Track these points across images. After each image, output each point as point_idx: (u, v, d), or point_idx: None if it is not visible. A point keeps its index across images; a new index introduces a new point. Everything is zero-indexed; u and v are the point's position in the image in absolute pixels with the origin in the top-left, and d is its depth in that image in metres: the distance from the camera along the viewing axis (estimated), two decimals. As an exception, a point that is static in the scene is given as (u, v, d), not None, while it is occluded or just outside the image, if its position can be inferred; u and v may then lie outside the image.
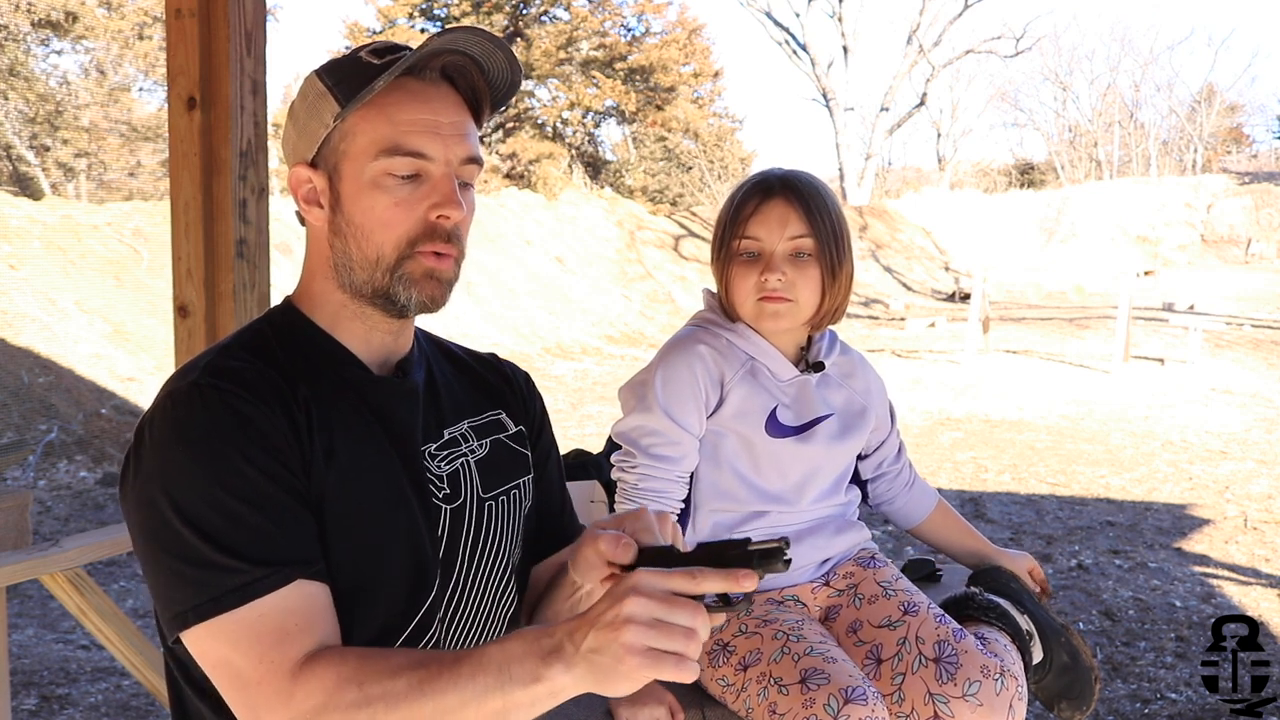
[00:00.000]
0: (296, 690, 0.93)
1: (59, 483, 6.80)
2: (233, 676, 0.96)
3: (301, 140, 1.12)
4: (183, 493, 0.98)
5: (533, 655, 0.88)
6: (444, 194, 1.08)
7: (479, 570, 1.16)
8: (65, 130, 16.80)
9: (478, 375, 1.27)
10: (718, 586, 0.84)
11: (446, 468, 1.15)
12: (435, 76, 1.10)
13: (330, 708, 0.91)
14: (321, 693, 0.92)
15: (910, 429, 8.28)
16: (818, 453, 1.68)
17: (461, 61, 1.10)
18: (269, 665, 0.94)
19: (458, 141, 1.09)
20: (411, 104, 1.07)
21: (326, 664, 0.94)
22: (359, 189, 1.08)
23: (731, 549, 0.87)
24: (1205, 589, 4.55)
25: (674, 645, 0.83)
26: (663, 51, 24.02)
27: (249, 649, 0.95)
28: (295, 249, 11.05)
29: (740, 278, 1.64)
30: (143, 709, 3.43)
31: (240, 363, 1.06)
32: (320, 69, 1.11)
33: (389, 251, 1.08)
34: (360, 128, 1.07)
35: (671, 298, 17.31)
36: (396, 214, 1.07)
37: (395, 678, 0.91)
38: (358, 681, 0.92)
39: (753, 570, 0.85)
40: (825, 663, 1.47)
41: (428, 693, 0.89)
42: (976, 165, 37.71)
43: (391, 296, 1.09)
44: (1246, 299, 17.54)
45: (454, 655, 0.92)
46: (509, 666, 0.88)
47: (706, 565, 0.86)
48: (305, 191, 1.12)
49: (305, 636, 0.96)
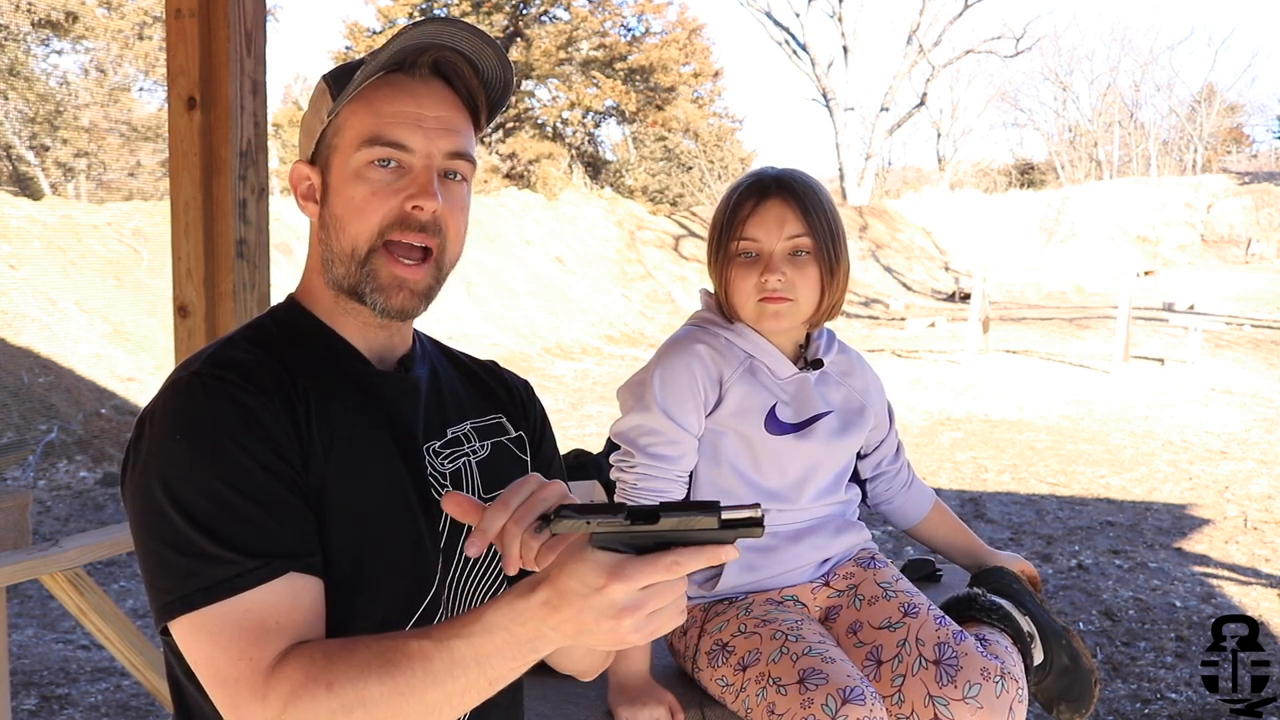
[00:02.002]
0: (270, 690, 0.92)
1: (59, 483, 6.80)
2: (214, 672, 0.95)
3: (305, 140, 1.14)
4: (179, 481, 0.98)
5: (510, 646, 0.87)
6: (420, 184, 1.07)
7: (477, 568, 1.16)
8: (65, 130, 16.81)
9: (479, 379, 1.28)
10: (698, 565, 0.82)
11: (449, 466, 1.15)
12: (426, 73, 1.10)
13: (301, 709, 0.90)
14: (290, 693, 0.91)
15: (910, 429, 8.28)
16: (817, 450, 1.68)
17: (453, 59, 1.10)
18: (248, 662, 0.94)
19: (441, 135, 1.09)
20: (397, 97, 1.08)
21: (295, 662, 0.93)
22: (343, 180, 1.09)
23: (700, 515, 0.81)
24: (1205, 589, 4.55)
25: (666, 615, 0.84)
26: (663, 51, 24.03)
27: (229, 644, 0.94)
28: (295, 249, 11.05)
29: (739, 279, 1.64)
30: (143, 709, 3.43)
31: (243, 354, 1.06)
32: (327, 72, 1.14)
33: (362, 243, 1.08)
34: (349, 121, 1.08)
35: (671, 298, 17.31)
36: (372, 203, 1.07)
37: (365, 678, 0.90)
38: (325, 682, 0.90)
39: (728, 543, 0.82)
40: (823, 663, 1.47)
41: (406, 692, 0.89)
42: (976, 165, 37.73)
43: (360, 295, 1.09)
44: (1246, 299, 17.55)
45: (419, 646, 0.89)
46: (485, 661, 0.88)
47: (673, 529, 0.82)
48: (304, 188, 1.13)
49: (285, 633, 0.96)
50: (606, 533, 0.82)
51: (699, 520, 0.81)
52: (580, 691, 1.63)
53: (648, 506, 0.82)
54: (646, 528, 0.81)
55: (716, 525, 0.81)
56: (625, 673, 1.58)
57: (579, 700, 1.62)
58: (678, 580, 0.83)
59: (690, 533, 0.82)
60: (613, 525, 0.82)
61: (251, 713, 0.93)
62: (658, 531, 0.82)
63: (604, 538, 0.82)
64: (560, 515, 0.83)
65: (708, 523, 0.81)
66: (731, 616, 1.62)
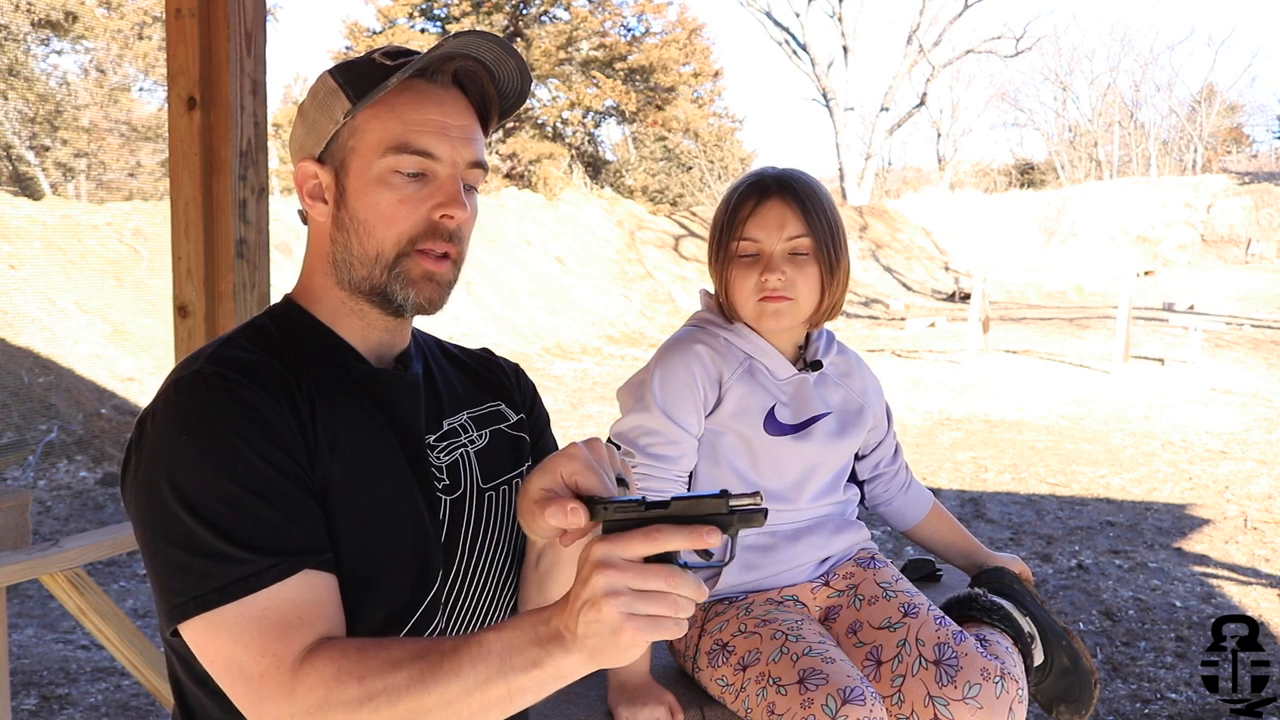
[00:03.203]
0: (297, 685, 0.92)
1: (59, 483, 6.80)
2: (235, 670, 0.95)
3: (309, 136, 1.12)
4: (187, 481, 0.97)
5: (532, 644, 0.87)
6: (449, 194, 1.09)
7: (480, 560, 1.17)
8: (65, 130, 16.81)
9: (473, 369, 1.29)
10: (678, 544, 0.83)
11: (446, 458, 1.16)
12: (446, 80, 1.11)
13: (331, 703, 0.91)
14: (322, 687, 0.91)
15: (910, 429, 8.28)
16: (815, 451, 1.68)
17: (473, 67, 1.11)
18: (272, 658, 0.94)
19: (465, 144, 1.10)
20: (422, 104, 1.08)
21: (326, 657, 0.93)
22: (365, 184, 1.09)
23: (707, 503, 0.84)
24: (1205, 589, 4.55)
25: (659, 609, 0.82)
26: (663, 51, 24.03)
27: (251, 641, 0.94)
28: (295, 249, 11.05)
29: (740, 279, 1.64)
30: (143, 709, 3.43)
31: (244, 352, 1.06)
32: (333, 68, 1.13)
33: (389, 248, 1.09)
34: (370, 125, 1.08)
35: (671, 298, 17.32)
36: (400, 210, 1.08)
37: (395, 670, 0.90)
38: (358, 675, 0.91)
39: (719, 526, 0.83)
40: (823, 663, 1.47)
41: (429, 685, 0.89)
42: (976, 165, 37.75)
43: (388, 295, 1.10)
44: (1246, 299, 17.55)
45: (452, 644, 0.91)
46: (510, 656, 0.88)
47: (681, 511, 0.83)
48: (310, 187, 1.13)
49: (308, 629, 0.96)
50: (614, 519, 0.86)
51: (706, 504, 0.85)
52: (580, 691, 1.63)
53: (661, 498, 0.86)
54: (657, 511, 0.85)
55: (725, 509, 0.84)
56: (625, 672, 1.58)
57: (579, 700, 1.63)
58: (664, 568, 0.82)
59: (694, 516, 0.85)
60: (627, 511, 0.86)
61: (277, 708, 0.93)
62: (664, 515, 0.84)
63: (611, 525, 0.86)
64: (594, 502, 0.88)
65: (715, 505, 0.84)
66: (731, 616, 1.62)
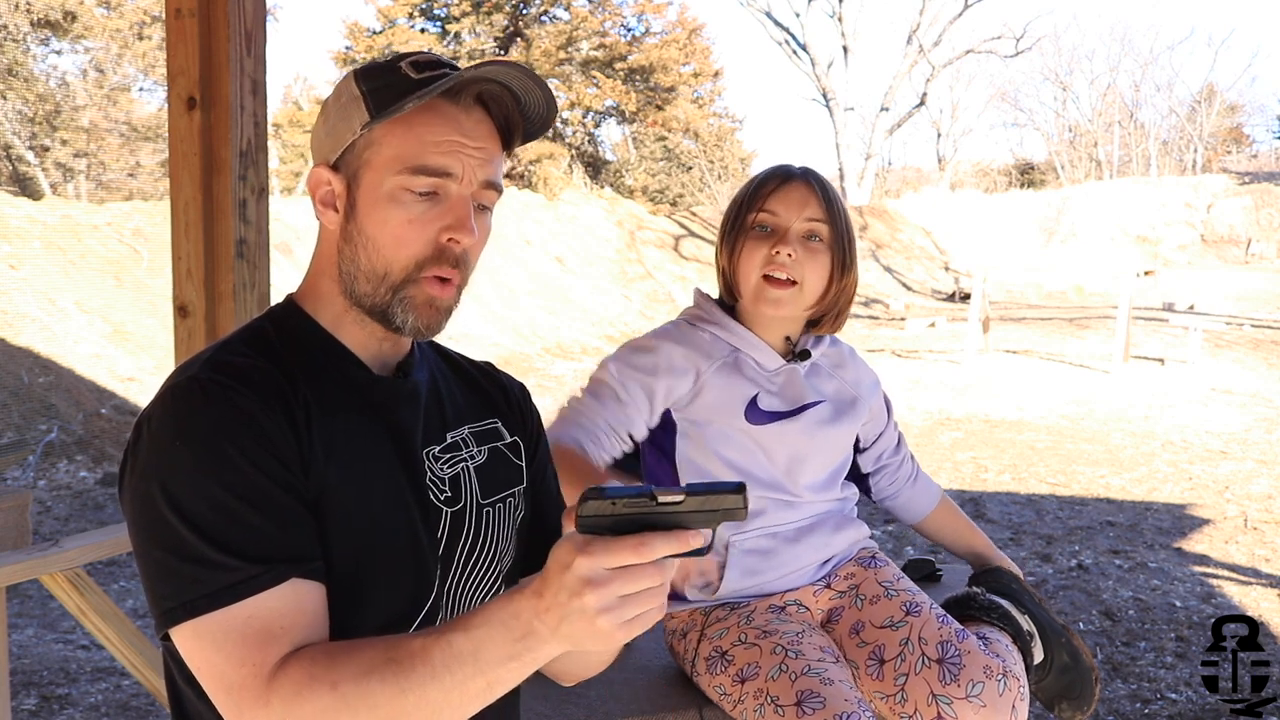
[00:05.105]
0: (272, 695, 0.92)
1: (59, 483, 6.80)
2: (217, 678, 0.95)
3: (328, 141, 1.11)
4: (180, 487, 0.97)
5: (505, 641, 0.87)
6: (458, 216, 1.07)
7: (475, 574, 1.16)
8: (64, 130, 16.81)
9: (475, 382, 1.27)
10: (667, 551, 0.82)
11: (448, 471, 1.15)
12: (470, 101, 1.10)
13: (305, 712, 0.91)
14: (295, 695, 0.91)
15: (910, 429, 8.28)
16: (801, 436, 1.68)
17: (498, 91, 1.10)
18: (250, 668, 0.93)
19: (479, 165, 1.09)
20: (441, 125, 1.07)
21: (297, 665, 0.93)
22: (375, 200, 1.07)
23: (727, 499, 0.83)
24: (1205, 589, 4.55)
25: (643, 607, 0.83)
26: (663, 51, 24.04)
27: (233, 650, 0.94)
28: (295, 249, 11.04)
29: (750, 250, 1.66)
30: (143, 709, 3.43)
31: (241, 358, 1.06)
32: (358, 71, 1.11)
33: (396, 271, 1.08)
34: (386, 140, 1.07)
35: (671, 298, 17.32)
36: (409, 231, 1.07)
37: (368, 677, 0.90)
38: (329, 682, 0.91)
39: (706, 528, 0.83)
40: (822, 684, 1.46)
41: (407, 689, 0.89)
42: (976, 165, 37.75)
43: (389, 315, 1.09)
44: (1246, 299, 17.55)
45: (421, 644, 0.90)
46: (481, 654, 0.88)
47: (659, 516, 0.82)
48: (323, 194, 1.12)
49: (287, 638, 0.95)
50: (589, 518, 0.83)
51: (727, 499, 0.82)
52: (580, 691, 1.64)
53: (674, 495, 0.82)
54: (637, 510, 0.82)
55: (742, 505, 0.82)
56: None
57: (579, 700, 1.63)
58: (652, 568, 0.82)
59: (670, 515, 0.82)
60: (600, 508, 0.82)
61: (255, 718, 0.93)
62: (637, 514, 0.82)
63: (587, 523, 0.83)
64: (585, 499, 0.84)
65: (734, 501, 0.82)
66: (732, 624, 1.61)
